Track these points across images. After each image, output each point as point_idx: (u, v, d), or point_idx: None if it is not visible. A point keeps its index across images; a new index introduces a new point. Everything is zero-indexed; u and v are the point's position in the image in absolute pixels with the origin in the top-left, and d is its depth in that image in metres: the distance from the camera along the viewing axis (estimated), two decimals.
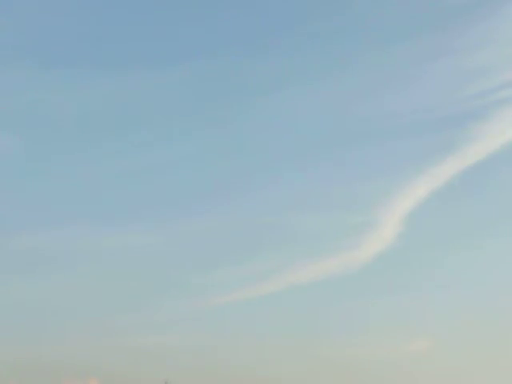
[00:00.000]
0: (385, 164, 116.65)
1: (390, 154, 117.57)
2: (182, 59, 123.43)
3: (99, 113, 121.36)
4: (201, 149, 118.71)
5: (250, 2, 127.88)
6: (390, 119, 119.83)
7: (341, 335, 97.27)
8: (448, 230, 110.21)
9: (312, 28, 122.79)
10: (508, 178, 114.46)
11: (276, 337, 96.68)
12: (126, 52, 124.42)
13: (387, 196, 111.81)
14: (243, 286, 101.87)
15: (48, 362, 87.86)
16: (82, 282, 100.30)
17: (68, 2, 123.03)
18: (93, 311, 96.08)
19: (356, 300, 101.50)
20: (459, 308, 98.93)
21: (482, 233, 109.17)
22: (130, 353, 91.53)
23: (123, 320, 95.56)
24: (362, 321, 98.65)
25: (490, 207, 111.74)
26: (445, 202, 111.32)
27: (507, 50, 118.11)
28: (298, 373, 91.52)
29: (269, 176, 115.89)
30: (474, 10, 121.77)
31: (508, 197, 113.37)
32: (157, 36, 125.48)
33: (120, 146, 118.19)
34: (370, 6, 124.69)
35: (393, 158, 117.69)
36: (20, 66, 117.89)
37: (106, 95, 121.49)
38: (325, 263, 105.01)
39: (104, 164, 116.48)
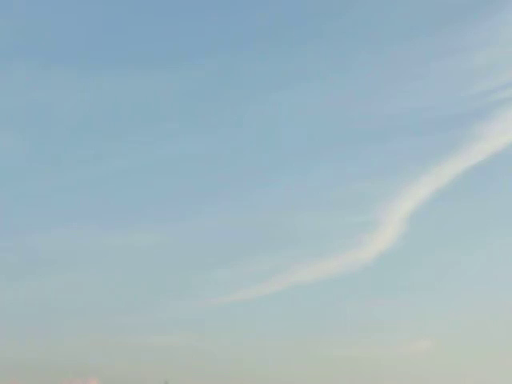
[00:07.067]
0: (387, 164, 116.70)
1: (392, 154, 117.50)
2: (182, 59, 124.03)
3: (101, 112, 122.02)
4: (201, 149, 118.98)
5: (250, 3, 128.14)
6: (392, 119, 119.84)
7: (342, 335, 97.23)
8: (450, 229, 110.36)
9: (312, 28, 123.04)
10: (511, 178, 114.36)
11: (276, 337, 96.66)
12: (127, 52, 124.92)
13: (390, 196, 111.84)
14: (244, 286, 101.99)
15: (48, 362, 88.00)
16: (82, 282, 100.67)
17: (69, 2, 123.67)
18: (93, 311, 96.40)
19: (358, 300, 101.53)
20: (460, 308, 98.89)
21: (484, 232, 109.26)
22: (130, 353, 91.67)
23: (123, 320, 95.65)
24: (363, 321, 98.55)
25: (493, 207, 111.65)
26: (447, 201, 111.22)
27: (510, 49, 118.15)
28: (299, 373, 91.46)
29: (270, 176, 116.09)
30: (477, 9, 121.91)
31: (511, 196, 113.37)
32: (158, 36, 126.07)
33: (122, 145, 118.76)
34: (370, 6, 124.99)
35: (395, 158, 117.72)
36: (21, 65, 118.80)
37: (107, 95, 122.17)
38: (327, 263, 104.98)
39: (105, 163, 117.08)
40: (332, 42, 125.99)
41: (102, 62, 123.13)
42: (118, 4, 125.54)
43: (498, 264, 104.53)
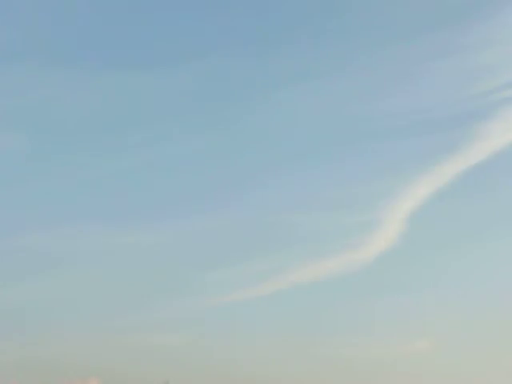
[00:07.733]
0: (387, 163, 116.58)
1: (392, 154, 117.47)
2: (182, 59, 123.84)
3: (101, 112, 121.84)
4: (201, 149, 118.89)
5: (250, 3, 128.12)
6: (392, 119, 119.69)
7: (342, 335, 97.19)
8: (450, 229, 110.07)
9: (312, 28, 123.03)
10: (511, 178, 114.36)
11: (277, 337, 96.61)
12: (127, 52, 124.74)
13: (390, 196, 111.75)
14: (244, 286, 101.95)
15: (48, 362, 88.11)
16: (82, 281, 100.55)
17: (69, 2, 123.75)
18: (93, 311, 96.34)
19: (358, 300, 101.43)
20: (460, 308, 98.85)
21: (484, 233, 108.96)
22: (131, 352, 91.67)
23: (123, 320, 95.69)
24: (363, 321, 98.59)
25: (493, 207, 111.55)
26: (447, 201, 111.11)
27: (510, 49, 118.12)
28: (298, 373, 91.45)
29: (270, 176, 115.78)
30: (478, 8, 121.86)
31: (511, 196, 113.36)
32: (158, 36, 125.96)
33: (122, 145, 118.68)
34: (370, 6, 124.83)
35: (395, 158, 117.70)
36: (21, 65, 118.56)
37: (107, 95, 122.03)
38: (326, 263, 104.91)
39: (105, 163, 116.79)
40: (332, 42, 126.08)
41: (102, 61, 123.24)
42: (118, 4, 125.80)
43: (498, 264, 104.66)
